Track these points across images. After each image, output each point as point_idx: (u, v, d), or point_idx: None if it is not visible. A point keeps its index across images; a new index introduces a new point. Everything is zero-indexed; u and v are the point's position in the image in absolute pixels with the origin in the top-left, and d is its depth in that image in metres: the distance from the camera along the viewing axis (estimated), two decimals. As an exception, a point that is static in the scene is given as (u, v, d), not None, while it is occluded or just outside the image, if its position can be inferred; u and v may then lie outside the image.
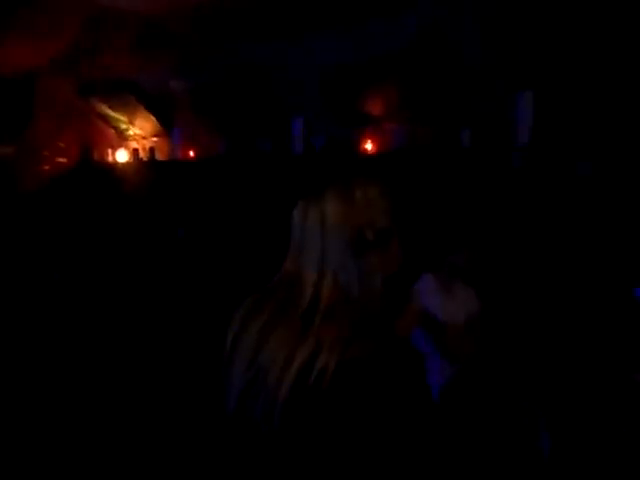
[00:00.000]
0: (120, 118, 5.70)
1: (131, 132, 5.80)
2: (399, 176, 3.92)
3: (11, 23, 3.93)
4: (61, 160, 5.68)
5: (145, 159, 5.53)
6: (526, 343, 2.55)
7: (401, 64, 4.25)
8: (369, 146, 4.36)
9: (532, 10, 3.58)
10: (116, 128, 5.81)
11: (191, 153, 5.34)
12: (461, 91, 4.02)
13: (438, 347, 2.20)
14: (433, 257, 2.41)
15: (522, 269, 3.04)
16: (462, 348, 2.22)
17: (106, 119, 5.76)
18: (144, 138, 5.82)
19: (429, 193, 3.52)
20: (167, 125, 5.61)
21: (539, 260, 3.08)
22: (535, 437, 1.96)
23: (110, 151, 5.73)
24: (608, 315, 2.66)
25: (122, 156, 5.63)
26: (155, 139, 5.77)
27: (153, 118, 5.58)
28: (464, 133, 3.86)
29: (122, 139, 5.89)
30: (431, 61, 4.15)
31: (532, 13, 3.60)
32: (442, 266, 2.38)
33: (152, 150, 5.50)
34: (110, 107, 5.59)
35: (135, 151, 5.60)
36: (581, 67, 3.57)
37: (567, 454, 2.02)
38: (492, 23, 3.76)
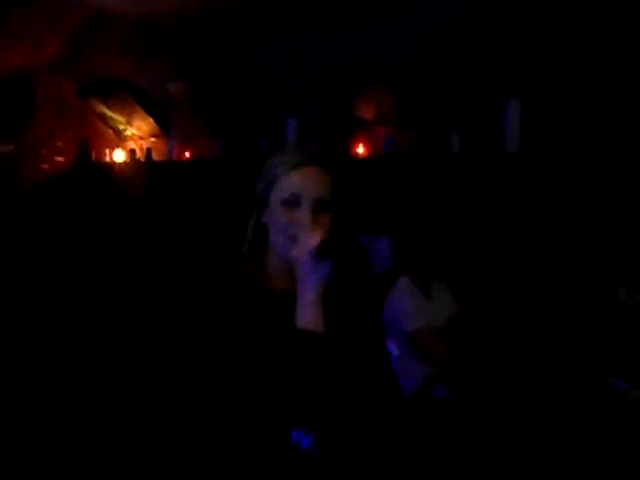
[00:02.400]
0: (118, 118, 5.76)
1: (129, 132, 5.86)
2: (389, 180, 3.97)
3: (6, 24, 4.00)
4: (59, 159, 5.74)
5: (142, 159, 5.59)
6: (500, 344, 2.59)
7: (393, 68, 4.31)
8: (361, 150, 4.41)
9: (521, 17, 3.62)
10: (114, 128, 5.87)
11: (187, 154, 5.40)
12: (451, 95, 4.07)
13: (413, 349, 2.25)
14: (411, 260, 2.45)
15: (501, 272, 3.08)
16: (438, 350, 2.26)
17: (104, 119, 5.82)
18: (141, 138, 5.88)
19: (415, 198, 3.57)
20: (164, 126, 5.67)
21: (518, 264, 3.11)
22: (504, 434, 2.00)
23: (108, 151, 5.79)
24: (584, 318, 2.69)
25: (119, 156, 5.69)
26: (152, 140, 5.83)
27: (150, 119, 5.64)
28: (453, 138, 3.90)
29: (120, 139, 5.95)
30: (423, 66, 4.20)
31: (521, 20, 3.64)
32: (420, 268, 2.42)
33: (149, 150, 5.56)
34: (108, 107, 5.65)
35: (132, 151, 5.66)
36: (572, 74, 3.62)
37: (531, 450, 2.06)
38: (482, 29, 3.81)
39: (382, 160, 4.21)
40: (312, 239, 1.06)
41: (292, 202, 1.12)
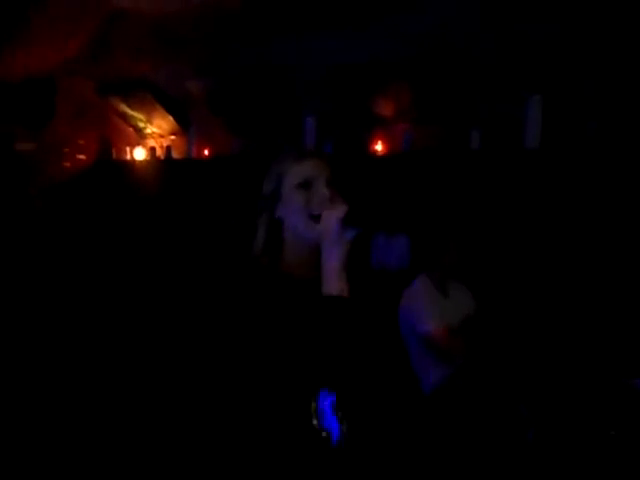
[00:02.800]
0: (138, 116, 5.83)
1: (149, 130, 5.93)
2: (407, 178, 3.94)
3: (27, 26, 4.07)
4: (81, 157, 5.84)
5: (162, 157, 5.65)
6: (519, 343, 2.56)
7: (413, 64, 4.27)
8: (379, 147, 4.39)
9: (542, 10, 3.56)
10: (134, 126, 5.94)
11: (206, 152, 5.44)
12: (471, 91, 4.02)
13: (430, 348, 2.23)
14: (429, 257, 2.44)
15: (520, 270, 3.04)
16: (455, 349, 2.24)
17: (124, 117, 5.90)
18: (161, 136, 5.94)
19: (434, 196, 3.54)
20: (184, 124, 5.72)
21: (539, 262, 3.07)
22: (522, 435, 1.98)
23: (128, 149, 5.86)
24: (605, 317, 2.65)
25: (140, 154, 5.77)
26: (172, 137, 5.89)
27: (170, 117, 5.70)
28: (473, 134, 3.86)
29: (140, 137, 6.02)
30: (443, 62, 4.16)
31: (543, 13, 3.58)
32: (437, 266, 2.41)
33: (169, 148, 5.62)
34: (128, 106, 5.73)
35: (152, 149, 5.72)
36: (594, 70, 3.55)
37: (553, 453, 2.04)
38: (503, 24, 3.75)
39: (401, 157, 4.19)
40: (336, 212, 1.14)
41: (307, 184, 1.20)
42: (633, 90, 3.40)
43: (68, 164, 5.74)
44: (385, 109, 4.50)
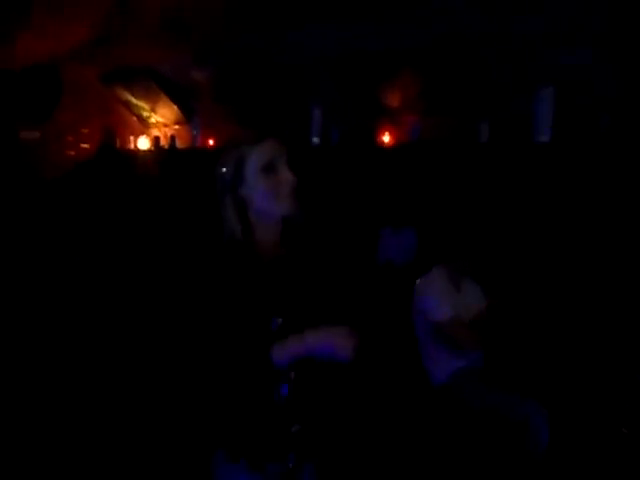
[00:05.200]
0: (142, 105, 5.77)
1: (153, 120, 5.88)
2: (414, 170, 3.89)
3: (31, 12, 4.01)
4: (84, 146, 5.79)
5: (166, 147, 5.60)
6: (532, 338, 2.53)
7: (421, 54, 4.19)
8: (387, 138, 4.33)
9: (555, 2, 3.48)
10: (138, 116, 5.89)
11: (211, 141, 5.38)
12: (480, 82, 3.95)
13: (442, 339, 2.21)
14: (442, 252, 2.41)
15: (532, 265, 3.00)
16: (468, 341, 2.22)
17: (129, 106, 5.84)
18: (165, 126, 5.89)
19: (443, 189, 3.49)
20: (188, 113, 5.66)
21: (550, 257, 3.03)
22: (535, 430, 1.95)
23: (132, 138, 5.81)
24: (621, 313, 2.61)
25: (143, 143, 5.72)
26: (176, 127, 5.83)
27: (174, 106, 5.64)
28: (482, 127, 3.80)
29: (144, 126, 5.97)
30: (452, 52, 4.08)
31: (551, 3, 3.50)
32: (452, 260, 2.37)
33: (173, 138, 5.57)
34: (132, 94, 5.67)
35: (156, 139, 5.67)
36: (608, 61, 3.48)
37: (566, 449, 2.01)
38: (513, 13, 3.67)
39: (408, 149, 4.13)
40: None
41: (271, 167, 1.35)
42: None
43: (72, 153, 5.71)
44: (393, 99, 4.44)
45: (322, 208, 4.21)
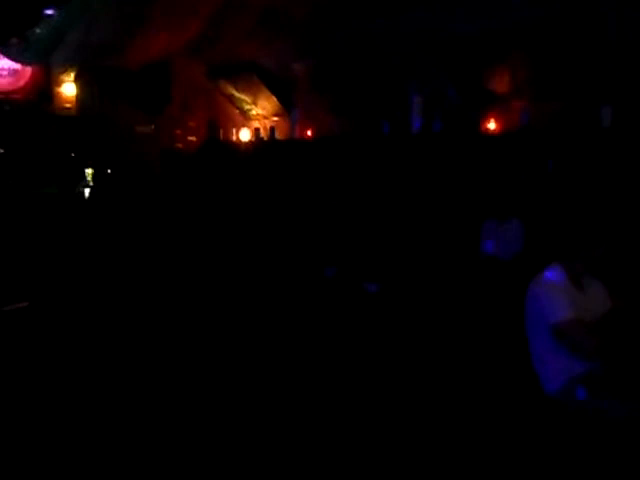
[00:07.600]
0: (244, 98, 5.98)
1: (254, 112, 6.06)
2: (523, 158, 3.65)
3: (152, 9, 4.24)
4: (192, 138, 6.12)
5: (265, 138, 5.76)
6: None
7: (532, 34, 3.90)
8: (492, 125, 4.11)
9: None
10: (240, 108, 6.11)
11: (309, 132, 5.44)
12: (601, 63, 3.60)
13: (562, 342, 2.04)
14: (554, 247, 2.22)
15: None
16: (590, 344, 2.03)
17: (231, 99, 6.08)
18: (265, 118, 6.06)
19: (561, 178, 3.24)
20: (287, 105, 5.77)
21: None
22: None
23: (234, 130, 6.04)
24: None
25: (245, 135, 5.92)
26: (276, 119, 5.98)
27: (274, 98, 5.77)
28: (604, 111, 3.47)
29: (245, 119, 6.18)
30: (568, 30, 3.75)
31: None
32: (575, 259, 2.17)
33: (272, 129, 5.70)
34: (235, 88, 5.89)
35: (257, 130, 5.85)
36: None
37: None
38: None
39: (516, 136, 3.89)
40: None
41: None
42: None
43: (180, 145, 6.05)
44: (499, 85, 4.19)
45: (422, 197, 4.08)
